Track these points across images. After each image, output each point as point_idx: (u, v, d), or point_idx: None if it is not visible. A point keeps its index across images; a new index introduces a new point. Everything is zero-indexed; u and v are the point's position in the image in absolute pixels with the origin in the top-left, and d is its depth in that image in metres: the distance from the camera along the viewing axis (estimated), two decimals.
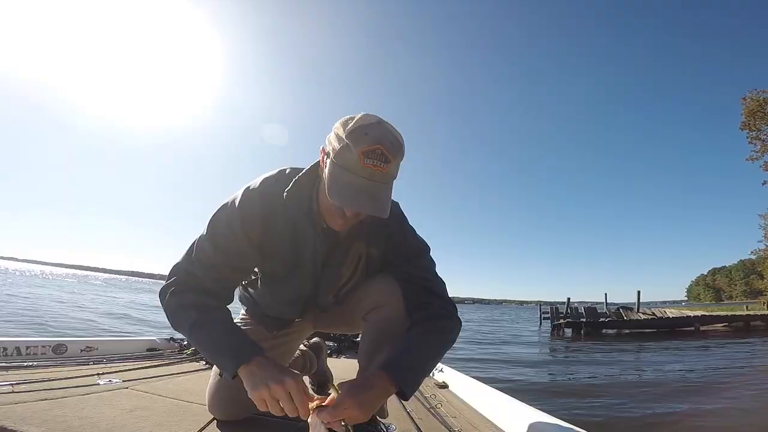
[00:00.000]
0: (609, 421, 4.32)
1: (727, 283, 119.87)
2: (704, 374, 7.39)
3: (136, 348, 2.75)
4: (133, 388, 1.68)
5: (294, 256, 1.17)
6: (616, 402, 5.18)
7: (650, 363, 9.88)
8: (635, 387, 6.35)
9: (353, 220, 1.08)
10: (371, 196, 0.97)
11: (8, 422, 1.12)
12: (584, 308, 22.04)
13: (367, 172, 0.95)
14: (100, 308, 14.66)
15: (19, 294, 16.18)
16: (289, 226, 1.13)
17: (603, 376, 7.40)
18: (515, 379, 6.98)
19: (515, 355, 10.98)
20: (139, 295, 27.57)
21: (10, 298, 13.87)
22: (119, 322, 10.88)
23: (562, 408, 4.69)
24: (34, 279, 36.07)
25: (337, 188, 0.97)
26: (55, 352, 2.32)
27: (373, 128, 0.97)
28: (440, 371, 2.58)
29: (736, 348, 12.35)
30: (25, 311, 10.58)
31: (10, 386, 1.47)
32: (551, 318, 22.23)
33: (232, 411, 1.35)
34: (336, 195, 0.97)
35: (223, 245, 1.09)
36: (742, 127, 25.66)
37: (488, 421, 1.67)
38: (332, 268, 1.22)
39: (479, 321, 32.04)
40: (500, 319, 36.45)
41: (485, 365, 8.59)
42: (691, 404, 5.01)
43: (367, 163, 0.94)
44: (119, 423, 1.24)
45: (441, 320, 1.16)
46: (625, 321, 20.54)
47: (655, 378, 7.26)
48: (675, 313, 21.54)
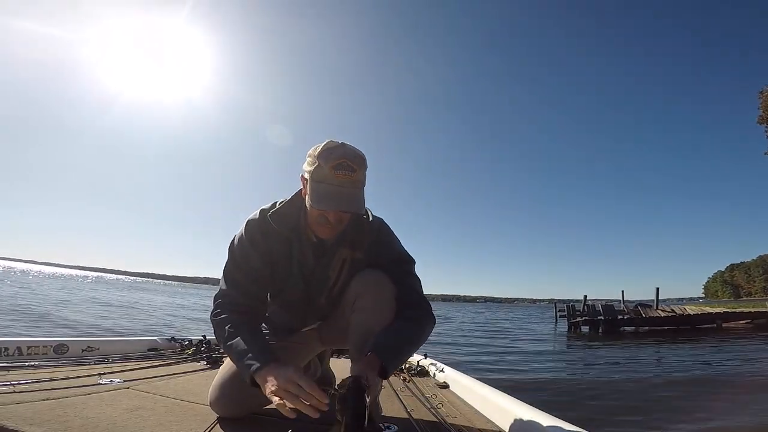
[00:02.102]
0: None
1: (746, 280, 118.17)
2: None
3: (138, 348, 2.79)
4: (135, 388, 1.71)
5: (288, 265, 1.45)
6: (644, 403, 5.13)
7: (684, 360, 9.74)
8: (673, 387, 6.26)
9: (338, 227, 1.34)
10: (346, 198, 1.24)
11: (9, 422, 1.14)
12: (601, 306, 21.83)
13: (339, 180, 1.23)
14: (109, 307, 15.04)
15: (36, 293, 16.80)
16: (282, 241, 1.42)
17: (632, 378, 7.19)
18: (536, 379, 6.88)
19: (533, 355, 10.92)
20: (145, 294, 28.09)
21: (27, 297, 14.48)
22: (120, 322, 11.06)
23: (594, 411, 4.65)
24: (50, 280, 37.35)
25: (318, 197, 1.25)
26: (56, 352, 2.37)
27: (338, 148, 1.26)
28: (441, 371, 2.61)
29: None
30: (41, 310, 10.96)
31: (12, 386, 1.50)
32: (568, 316, 22.14)
33: (235, 408, 1.41)
34: (317, 202, 1.25)
35: (240, 263, 1.39)
36: (760, 121, 25.11)
37: (489, 421, 1.69)
38: (319, 270, 1.46)
39: (493, 320, 31.95)
40: (514, 318, 36.25)
41: (503, 366, 8.48)
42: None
43: (338, 173, 1.22)
44: (120, 423, 1.26)
45: (421, 318, 1.41)
46: (643, 318, 20.33)
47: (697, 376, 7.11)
48: (695, 310, 21.30)
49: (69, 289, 26.34)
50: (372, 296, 1.37)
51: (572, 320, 21.41)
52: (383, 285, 1.38)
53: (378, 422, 1.42)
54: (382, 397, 1.86)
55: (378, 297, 1.37)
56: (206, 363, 2.45)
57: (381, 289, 1.37)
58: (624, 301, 23.90)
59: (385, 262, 1.44)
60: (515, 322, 29.42)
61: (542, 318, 35.38)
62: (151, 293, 31.46)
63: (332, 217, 1.30)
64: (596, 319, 20.21)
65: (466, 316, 36.26)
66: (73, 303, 15.48)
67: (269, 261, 1.42)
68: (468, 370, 2.78)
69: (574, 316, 21.58)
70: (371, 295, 1.37)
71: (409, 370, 2.69)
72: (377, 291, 1.37)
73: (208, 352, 2.74)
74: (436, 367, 2.69)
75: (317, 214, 1.30)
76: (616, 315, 20.77)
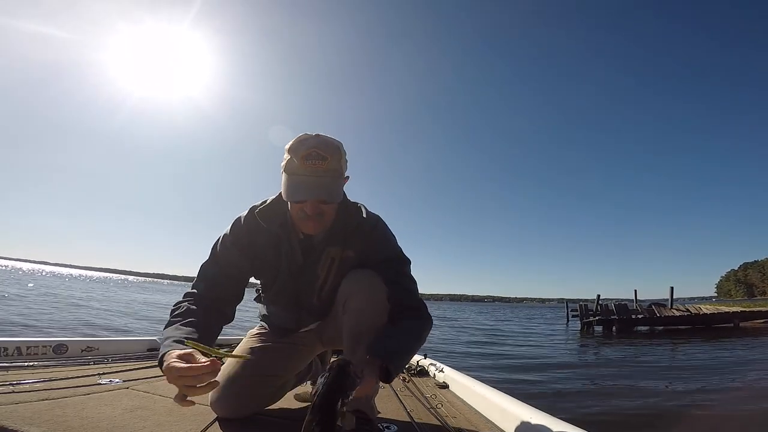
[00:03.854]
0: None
1: (760, 279, 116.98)
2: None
3: (137, 348, 2.81)
4: (134, 388, 1.74)
5: (276, 262, 1.47)
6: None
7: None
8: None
9: (320, 221, 1.34)
10: (316, 186, 1.25)
11: (9, 422, 1.17)
12: (614, 305, 21.74)
13: (308, 170, 1.24)
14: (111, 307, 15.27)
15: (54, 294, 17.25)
16: (270, 238, 1.44)
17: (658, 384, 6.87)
18: (552, 384, 6.72)
19: (547, 356, 10.78)
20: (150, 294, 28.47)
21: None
22: (121, 321, 11.20)
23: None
24: (63, 280, 38.39)
25: (288, 189, 1.28)
26: (55, 352, 2.39)
27: (309, 139, 1.28)
28: (441, 371, 2.63)
29: None
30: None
31: (11, 386, 1.53)
32: (580, 315, 22.05)
33: (236, 408, 1.43)
34: (287, 195, 1.29)
35: (219, 258, 1.42)
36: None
37: (488, 422, 1.71)
38: (308, 269, 1.47)
39: (502, 320, 31.85)
40: (523, 318, 36.07)
41: (515, 370, 8.22)
42: None
43: (308, 163, 1.24)
44: (120, 423, 1.29)
45: (420, 321, 1.41)
46: (658, 318, 20.23)
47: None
48: (710, 309, 21.15)
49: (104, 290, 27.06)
50: (363, 297, 1.35)
51: (585, 320, 21.34)
52: (375, 285, 1.35)
53: (375, 422, 1.44)
54: (382, 398, 1.89)
55: (369, 298, 1.35)
56: None
57: (373, 289, 1.35)
58: (637, 300, 23.78)
59: (378, 261, 1.42)
60: (522, 321, 29.23)
61: (554, 317, 35.07)
62: (160, 294, 31.87)
63: (309, 208, 1.29)
64: (610, 319, 20.13)
65: (471, 317, 35.62)
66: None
67: (251, 255, 1.43)
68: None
69: (587, 316, 21.50)
70: (363, 295, 1.35)
71: (409, 370, 2.72)
72: (369, 291, 1.35)
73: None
74: (435, 367, 2.71)
75: (297, 208, 1.31)
76: (631, 314, 20.68)
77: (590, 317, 21.32)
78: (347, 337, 1.38)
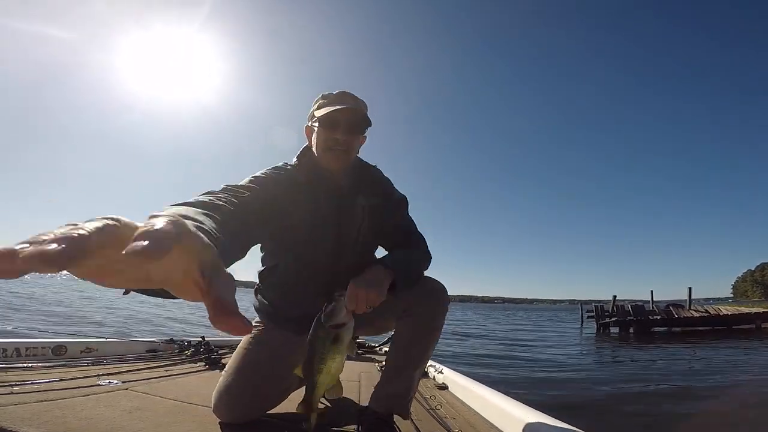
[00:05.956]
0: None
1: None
2: None
3: (136, 349, 2.84)
4: (133, 390, 1.76)
5: (311, 215, 1.42)
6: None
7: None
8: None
9: (347, 156, 1.42)
10: (353, 107, 1.38)
11: (7, 423, 1.19)
12: (631, 306, 21.58)
13: (341, 101, 1.39)
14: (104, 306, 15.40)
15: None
16: (304, 188, 1.42)
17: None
18: (572, 392, 6.52)
19: (563, 360, 10.55)
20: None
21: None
22: (121, 323, 11.31)
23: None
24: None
25: (324, 114, 1.35)
26: (54, 353, 2.41)
27: (338, 91, 1.44)
28: (440, 372, 2.65)
29: None
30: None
31: (10, 387, 1.55)
32: (596, 317, 21.93)
33: (239, 413, 1.44)
34: (324, 118, 1.36)
35: (246, 183, 1.27)
36: None
37: (488, 423, 1.74)
38: (345, 218, 1.48)
39: (515, 322, 31.59)
40: (537, 320, 35.67)
41: (535, 379, 7.74)
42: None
43: (344, 98, 1.41)
44: (119, 424, 1.31)
45: (424, 248, 1.60)
46: (677, 319, 20.07)
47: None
48: (730, 310, 20.93)
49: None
50: (430, 310, 1.44)
51: (601, 321, 21.22)
52: (441, 299, 1.47)
53: (391, 421, 1.48)
54: None
55: (432, 313, 1.44)
56: (205, 364, 2.51)
57: (438, 303, 1.46)
58: (653, 301, 23.60)
59: (398, 201, 1.61)
60: (537, 323, 28.93)
61: (564, 320, 34.57)
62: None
63: (342, 134, 1.37)
64: (627, 320, 20.00)
65: (483, 325, 34.97)
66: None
67: (285, 208, 1.35)
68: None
69: (603, 317, 21.38)
70: (429, 309, 1.44)
71: None
72: (435, 306, 1.45)
73: (207, 353, 2.79)
74: (434, 368, 2.73)
75: (325, 138, 1.39)
76: (648, 315, 20.53)
77: (606, 319, 21.21)
78: (395, 347, 1.49)
